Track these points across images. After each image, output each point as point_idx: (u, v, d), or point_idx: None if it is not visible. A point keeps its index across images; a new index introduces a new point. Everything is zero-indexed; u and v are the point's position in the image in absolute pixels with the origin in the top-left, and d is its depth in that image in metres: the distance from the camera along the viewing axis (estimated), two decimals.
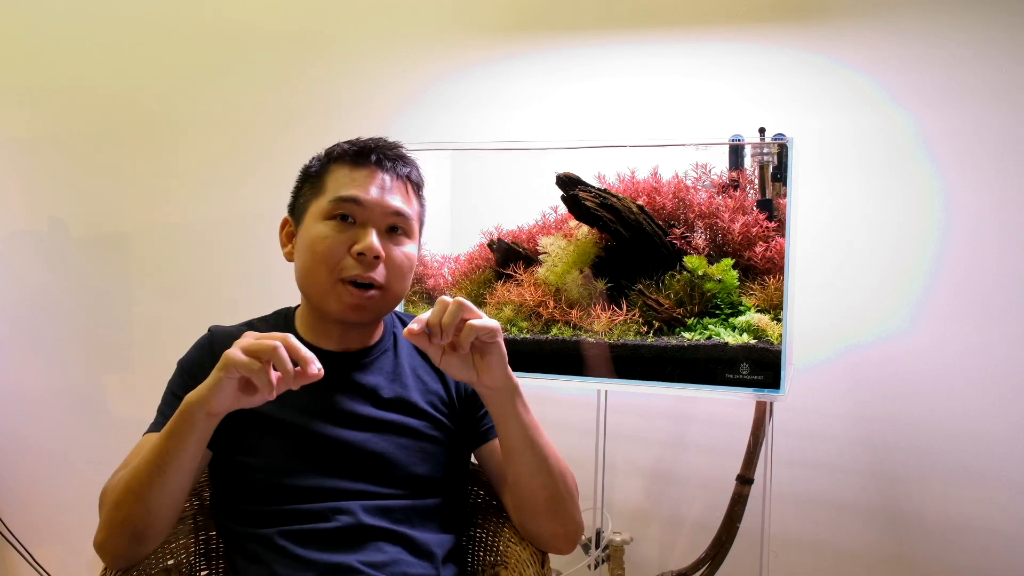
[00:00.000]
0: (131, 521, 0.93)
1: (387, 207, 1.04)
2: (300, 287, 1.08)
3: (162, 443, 0.91)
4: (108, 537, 0.94)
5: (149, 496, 0.91)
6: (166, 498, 0.93)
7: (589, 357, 1.31)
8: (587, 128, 1.75)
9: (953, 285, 1.58)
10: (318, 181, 1.07)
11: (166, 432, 0.91)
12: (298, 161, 1.14)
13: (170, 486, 0.92)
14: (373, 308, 1.05)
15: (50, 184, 2.06)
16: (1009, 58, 1.53)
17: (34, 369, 2.08)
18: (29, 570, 2.04)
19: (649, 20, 1.73)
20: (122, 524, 0.93)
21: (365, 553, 0.98)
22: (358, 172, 1.05)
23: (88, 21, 2.01)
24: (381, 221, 1.04)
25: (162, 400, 1.07)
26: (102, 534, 0.95)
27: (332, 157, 1.08)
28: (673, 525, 1.76)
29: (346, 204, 1.03)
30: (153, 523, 0.94)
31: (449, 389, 1.12)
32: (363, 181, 1.04)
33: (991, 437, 1.57)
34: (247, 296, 1.93)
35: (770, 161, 1.31)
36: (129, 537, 0.94)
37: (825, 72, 1.62)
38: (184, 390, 1.05)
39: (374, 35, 1.89)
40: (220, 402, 0.88)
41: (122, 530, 0.93)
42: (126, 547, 0.95)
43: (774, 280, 1.26)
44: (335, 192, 1.04)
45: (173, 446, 0.90)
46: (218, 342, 1.09)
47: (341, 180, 1.05)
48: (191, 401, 0.89)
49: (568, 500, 1.04)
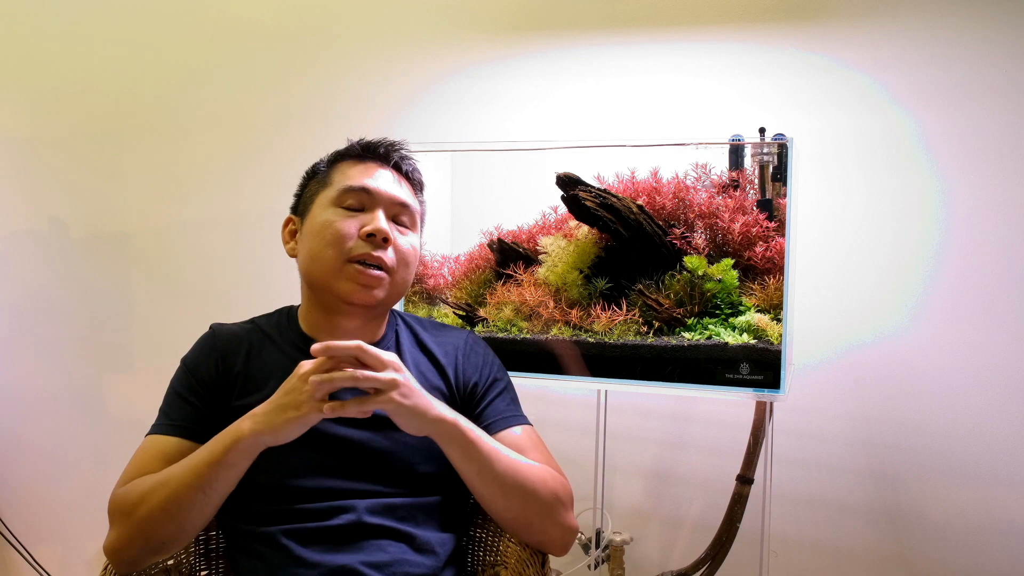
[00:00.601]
0: (159, 536, 0.94)
1: (394, 197, 1.08)
2: (306, 274, 1.09)
3: (208, 471, 0.92)
4: (126, 547, 0.95)
5: (186, 517, 0.93)
6: (203, 517, 0.94)
7: (589, 357, 1.31)
8: (587, 128, 1.75)
9: (953, 285, 1.58)
10: (324, 177, 1.11)
11: (214, 460, 0.92)
12: (298, 161, 1.14)
13: (210, 507, 0.94)
14: (381, 289, 1.06)
15: (50, 184, 2.06)
16: (1009, 58, 1.53)
17: (34, 369, 2.08)
18: (29, 570, 2.04)
19: (649, 20, 1.73)
20: (148, 538, 0.94)
21: (368, 552, 0.98)
22: (364, 165, 1.10)
23: (88, 21, 2.01)
24: (388, 209, 1.08)
25: (164, 400, 1.07)
26: (120, 543, 0.95)
27: (339, 155, 1.13)
28: (673, 525, 1.76)
29: (355, 192, 1.07)
30: (182, 538, 0.96)
31: (451, 385, 1.13)
32: (369, 172, 1.09)
33: (991, 437, 1.57)
34: (247, 296, 1.93)
35: (770, 161, 1.31)
36: (152, 549, 0.95)
37: (825, 72, 1.62)
38: (187, 390, 1.06)
39: (374, 35, 1.89)
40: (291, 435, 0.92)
41: (146, 543, 0.94)
42: (146, 557, 0.97)
43: (774, 280, 1.26)
44: (343, 183, 1.08)
45: (223, 475, 0.92)
46: (220, 339, 1.10)
47: (348, 172, 1.09)
48: (257, 433, 0.91)
49: (544, 514, 1.03)
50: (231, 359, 1.07)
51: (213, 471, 0.91)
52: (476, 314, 1.41)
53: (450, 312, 1.45)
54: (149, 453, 1.01)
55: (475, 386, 1.13)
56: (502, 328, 1.37)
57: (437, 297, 1.50)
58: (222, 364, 1.07)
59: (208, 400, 1.05)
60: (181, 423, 1.03)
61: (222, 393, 1.05)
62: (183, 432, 1.02)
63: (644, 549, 1.77)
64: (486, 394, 1.14)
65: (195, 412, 1.04)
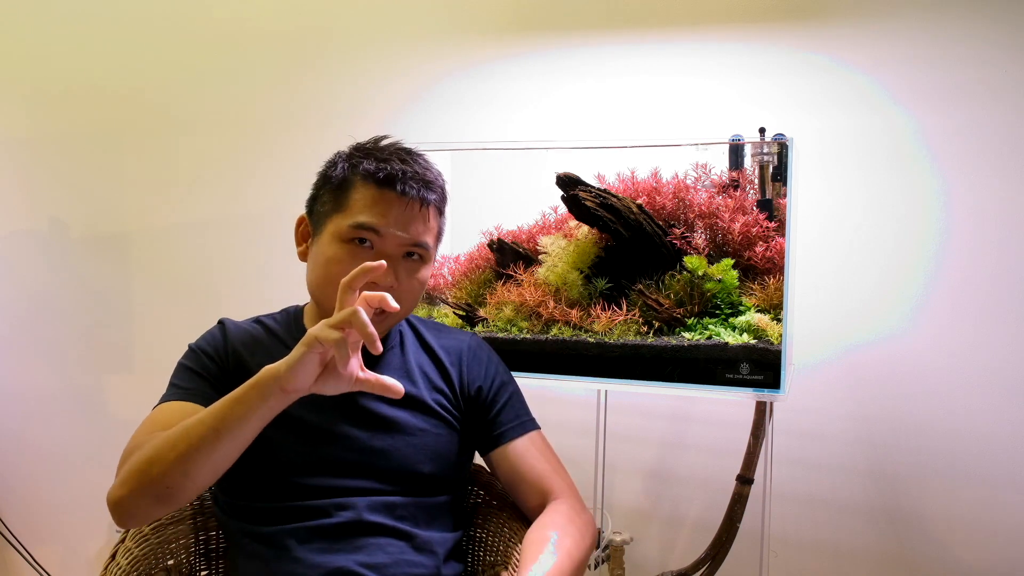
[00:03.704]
0: (163, 481, 0.86)
1: (406, 239, 1.03)
2: (311, 293, 1.09)
3: (223, 408, 0.86)
4: (130, 493, 0.88)
5: (195, 457, 0.85)
6: (209, 465, 0.87)
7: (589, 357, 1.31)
8: (587, 128, 1.75)
9: (953, 285, 1.57)
10: (340, 194, 1.05)
11: (231, 398, 0.86)
12: (298, 161, 1.14)
13: (218, 454, 0.86)
14: (382, 327, 1.07)
15: (50, 184, 2.06)
16: (1009, 58, 1.53)
17: (34, 369, 2.08)
18: (29, 570, 2.04)
19: (649, 20, 1.73)
20: (152, 482, 0.86)
21: (367, 552, 0.98)
22: (381, 198, 1.03)
23: (88, 21, 2.00)
24: (398, 251, 1.04)
25: (174, 375, 1.06)
26: (123, 490, 0.88)
27: (356, 170, 1.05)
28: (673, 525, 1.76)
29: (365, 232, 1.02)
30: (186, 488, 0.88)
31: (454, 387, 1.13)
32: (385, 209, 1.02)
33: (991, 437, 1.57)
34: (248, 296, 1.93)
35: (770, 161, 1.31)
36: (155, 496, 0.88)
37: (825, 72, 1.62)
38: (199, 366, 1.05)
39: (374, 35, 1.89)
40: (300, 379, 0.83)
41: (150, 488, 0.87)
42: (147, 507, 0.89)
43: (774, 280, 1.26)
44: (356, 216, 1.02)
45: (237, 412, 0.85)
46: (231, 331, 1.10)
47: (363, 202, 1.03)
48: (268, 372, 0.85)
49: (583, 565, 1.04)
50: (240, 351, 1.07)
51: (226, 408, 0.86)
52: (476, 314, 1.41)
53: (450, 312, 1.45)
54: (161, 416, 0.98)
55: (480, 391, 1.13)
56: (502, 328, 1.37)
57: (437, 297, 1.50)
58: (232, 354, 1.07)
59: (217, 380, 1.04)
60: (195, 389, 1.02)
61: (230, 381, 1.02)
62: (198, 398, 1.00)
63: (644, 549, 1.77)
64: (494, 401, 1.13)
65: (207, 384, 1.03)
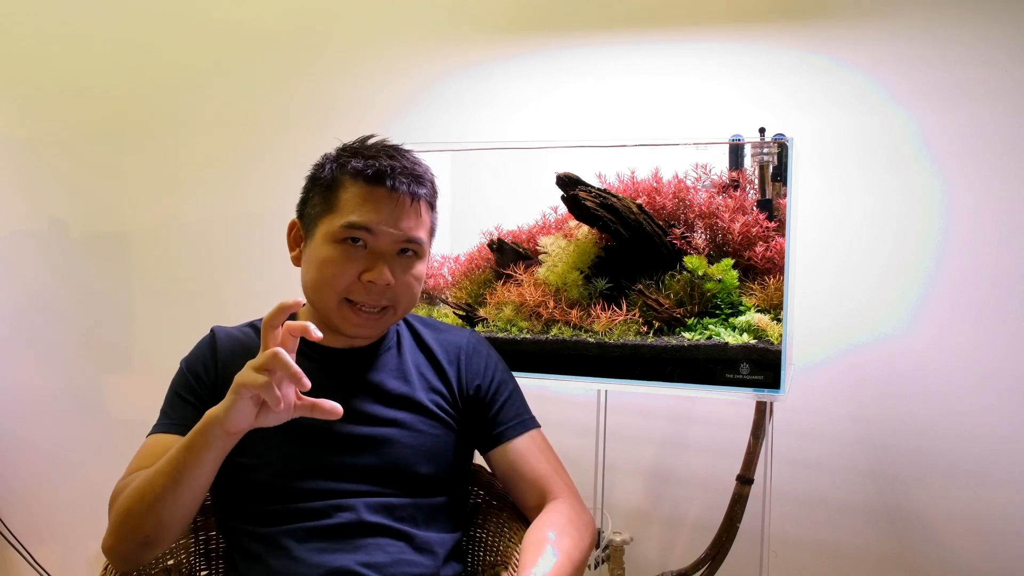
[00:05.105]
0: (142, 529, 0.93)
1: (399, 236, 1.03)
2: (306, 296, 1.08)
3: (178, 456, 0.90)
4: (117, 542, 0.95)
5: (161, 507, 0.91)
6: (179, 509, 0.93)
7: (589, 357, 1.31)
8: (587, 128, 1.75)
9: (953, 285, 1.57)
10: (329, 195, 1.04)
11: (184, 446, 0.90)
12: (298, 161, 1.14)
13: (183, 498, 0.92)
14: (380, 326, 1.07)
15: (50, 184, 2.06)
16: (1009, 58, 1.53)
17: (34, 369, 2.08)
18: (29, 570, 2.04)
19: (649, 20, 1.72)
20: (132, 531, 0.93)
21: (366, 552, 0.98)
22: (371, 195, 1.02)
23: (88, 21, 2.00)
24: (392, 248, 1.03)
25: (165, 400, 1.07)
26: (111, 539, 0.95)
27: (345, 170, 1.04)
28: (673, 525, 1.76)
29: (357, 231, 1.01)
30: (164, 532, 0.94)
31: (452, 387, 1.12)
32: (376, 205, 1.02)
33: (991, 437, 1.57)
34: (247, 296, 1.93)
35: (770, 161, 1.31)
36: (139, 543, 0.94)
37: (825, 72, 1.62)
38: (187, 390, 1.06)
39: (374, 35, 1.89)
40: (240, 422, 0.88)
41: (132, 536, 0.93)
42: (135, 553, 0.96)
43: (774, 280, 1.26)
44: (346, 216, 1.01)
45: (190, 459, 0.90)
46: (220, 342, 1.09)
47: (353, 202, 1.02)
48: (210, 418, 0.89)
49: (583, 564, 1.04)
50: (230, 362, 1.07)
51: (181, 456, 0.90)
52: (476, 314, 1.41)
53: (450, 312, 1.45)
54: (148, 450, 1.02)
55: (479, 389, 1.13)
56: (502, 328, 1.37)
57: (437, 297, 1.50)
58: (221, 367, 1.07)
59: (207, 401, 1.04)
60: (181, 422, 1.03)
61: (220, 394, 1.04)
62: (182, 431, 1.01)
63: (644, 549, 1.76)
64: (494, 400, 1.13)
65: (195, 412, 1.03)
